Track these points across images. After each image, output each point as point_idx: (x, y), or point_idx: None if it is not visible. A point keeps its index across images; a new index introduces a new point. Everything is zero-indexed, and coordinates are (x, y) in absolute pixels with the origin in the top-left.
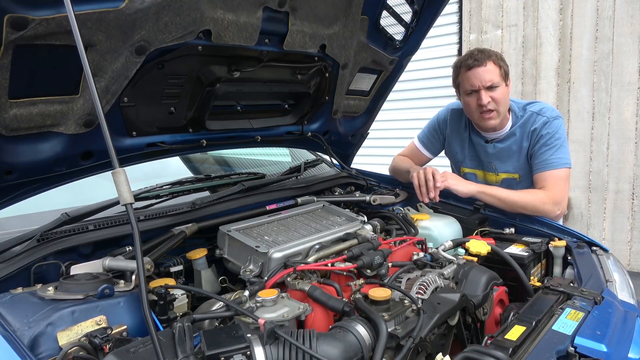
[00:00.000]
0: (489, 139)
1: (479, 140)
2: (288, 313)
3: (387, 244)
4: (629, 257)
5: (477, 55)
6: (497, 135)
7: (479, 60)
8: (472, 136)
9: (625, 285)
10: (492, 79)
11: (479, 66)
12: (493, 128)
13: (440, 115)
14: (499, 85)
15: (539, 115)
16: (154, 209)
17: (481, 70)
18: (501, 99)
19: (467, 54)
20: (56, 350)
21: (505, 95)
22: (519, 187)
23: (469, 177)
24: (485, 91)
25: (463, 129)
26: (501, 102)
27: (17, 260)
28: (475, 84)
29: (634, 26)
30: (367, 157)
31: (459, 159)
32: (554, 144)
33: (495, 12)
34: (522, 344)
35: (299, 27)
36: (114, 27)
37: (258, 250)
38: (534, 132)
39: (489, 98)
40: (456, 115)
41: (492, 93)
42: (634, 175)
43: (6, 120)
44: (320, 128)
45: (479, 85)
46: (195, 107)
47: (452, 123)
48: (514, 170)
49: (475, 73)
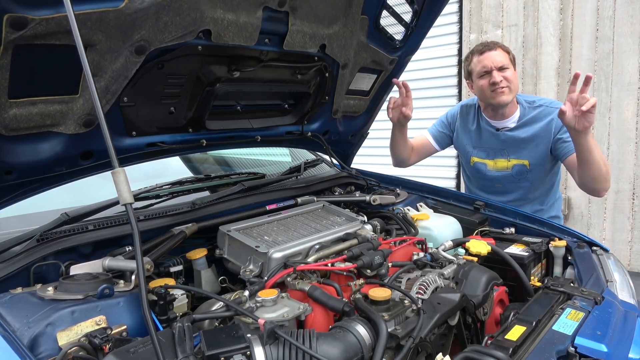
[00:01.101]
0: (499, 127)
1: (490, 129)
2: (288, 313)
3: (387, 244)
4: (629, 257)
5: (487, 42)
6: (506, 123)
7: (489, 46)
8: (483, 126)
9: (626, 285)
10: (503, 61)
11: (490, 50)
12: (502, 109)
13: (451, 111)
14: (509, 67)
15: (550, 107)
16: (153, 209)
17: (492, 53)
18: (512, 78)
19: (475, 45)
20: (56, 351)
21: (515, 77)
22: (529, 175)
23: (480, 167)
24: (497, 71)
25: (472, 121)
26: (512, 81)
27: (17, 260)
28: (488, 64)
29: (634, 26)
30: (367, 157)
31: (468, 149)
32: None
33: (495, 12)
34: (522, 344)
35: (299, 27)
36: (113, 27)
37: (258, 250)
38: (551, 121)
39: (501, 77)
40: (466, 109)
41: (503, 73)
42: (634, 175)
43: (6, 120)
44: (320, 128)
45: (491, 66)
46: (195, 107)
47: (462, 117)
48: (525, 157)
49: (487, 56)
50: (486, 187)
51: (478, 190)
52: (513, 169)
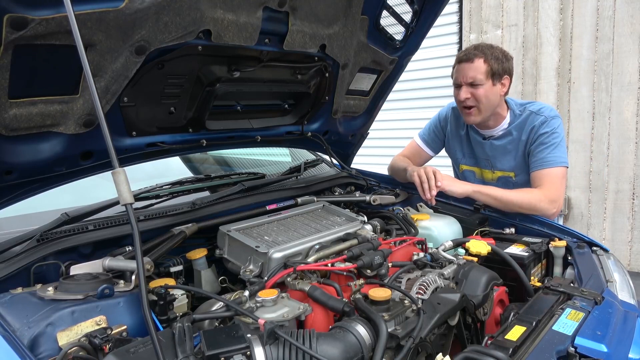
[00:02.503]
0: (486, 136)
1: (477, 137)
2: (288, 313)
3: (387, 244)
4: (629, 257)
5: (470, 51)
6: (493, 132)
7: (467, 56)
8: (471, 133)
9: (626, 285)
10: (475, 77)
11: (466, 62)
12: (479, 125)
13: (441, 113)
14: (482, 83)
15: (537, 114)
16: (154, 209)
17: (467, 66)
18: (482, 97)
19: (467, 47)
20: (56, 351)
21: (488, 94)
22: (515, 186)
23: (468, 175)
24: (466, 87)
25: (462, 126)
26: (482, 101)
27: (17, 260)
28: (459, 78)
29: (634, 26)
30: (367, 157)
31: (458, 156)
32: (552, 143)
33: (495, 12)
34: (522, 344)
35: (299, 27)
36: (113, 27)
37: (258, 250)
38: (532, 130)
39: (468, 94)
40: (457, 113)
41: (473, 90)
42: (634, 175)
43: (6, 120)
44: (320, 128)
45: (461, 80)
46: (195, 107)
47: (453, 120)
48: (509, 168)
49: (461, 67)
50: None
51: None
52: (498, 181)
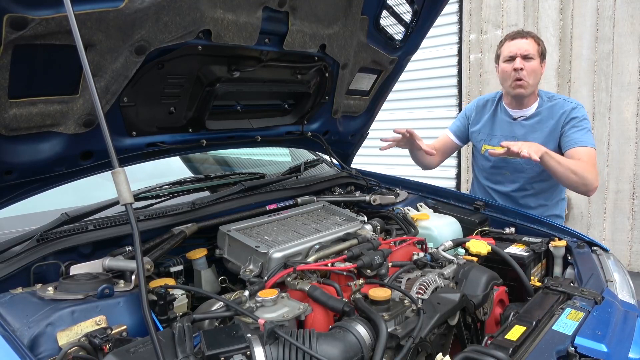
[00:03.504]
0: (516, 117)
1: (506, 118)
2: (288, 313)
3: (387, 244)
4: (629, 257)
5: (521, 30)
6: (525, 112)
7: (522, 33)
8: (500, 115)
9: (626, 285)
10: (529, 50)
11: (522, 37)
12: (521, 100)
13: (468, 105)
14: (534, 58)
15: (568, 101)
16: (154, 209)
17: (523, 41)
18: (532, 71)
19: (511, 31)
20: (56, 351)
21: (536, 70)
22: (537, 167)
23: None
24: (520, 59)
25: (487, 110)
26: (532, 74)
27: (17, 260)
28: (514, 51)
29: (634, 26)
30: (367, 157)
31: (482, 137)
32: (584, 127)
33: (495, 12)
34: (522, 344)
35: (299, 27)
36: (113, 26)
37: (258, 250)
38: (563, 114)
39: (522, 64)
40: (482, 102)
41: (526, 62)
42: (634, 175)
43: (6, 120)
44: (320, 128)
45: (516, 53)
46: (195, 107)
47: (477, 109)
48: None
49: (516, 42)
50: (494, 176)
51: (485, 181)
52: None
